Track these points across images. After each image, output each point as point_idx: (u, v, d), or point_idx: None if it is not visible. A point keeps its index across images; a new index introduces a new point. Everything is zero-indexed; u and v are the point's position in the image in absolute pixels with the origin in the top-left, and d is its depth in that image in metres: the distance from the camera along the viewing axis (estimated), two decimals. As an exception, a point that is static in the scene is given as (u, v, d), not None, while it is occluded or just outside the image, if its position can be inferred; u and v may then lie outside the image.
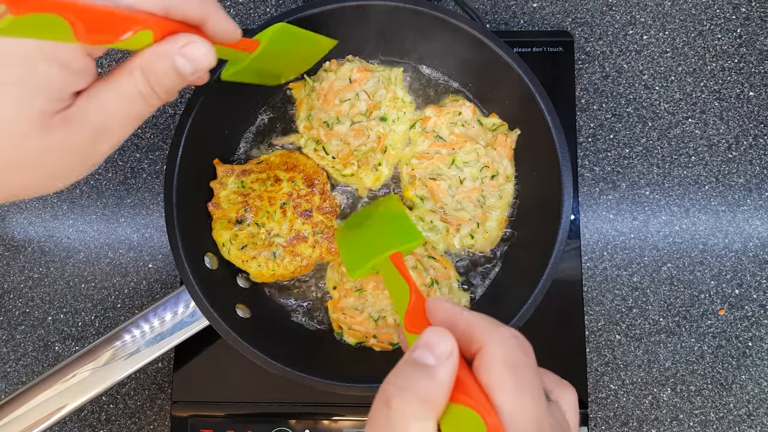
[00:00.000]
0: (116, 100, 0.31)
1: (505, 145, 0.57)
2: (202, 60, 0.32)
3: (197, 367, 0.59)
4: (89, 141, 0.31)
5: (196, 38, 0.32)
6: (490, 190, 0.57)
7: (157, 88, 0.32)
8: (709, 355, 0.61)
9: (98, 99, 0.31)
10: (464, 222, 0.56)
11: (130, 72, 0.31)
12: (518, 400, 0.24)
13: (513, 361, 0.25)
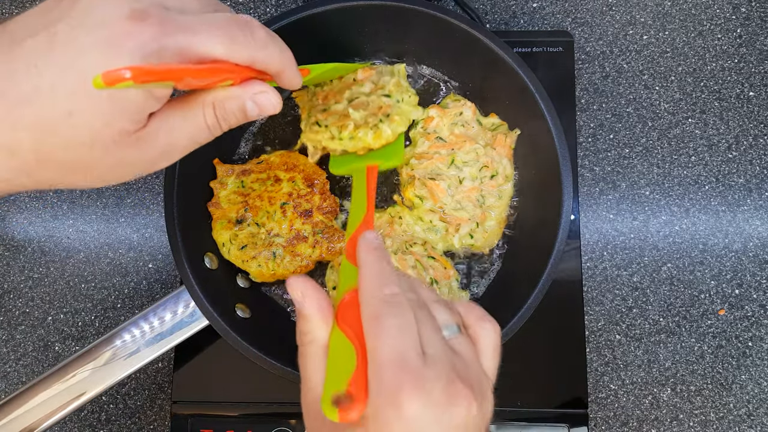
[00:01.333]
0: (185, 128, 0.34)
1: (505, 145, 0.57)
2: (269, 108, 0.36)
3: (197, 367, 0.59)
4: (153, 159, 0.34)
5: (269, 89, 0.35)
6: (490, 189, 0.57)
7: (222, 122, 0.35)
8: (709, 355, 0.61)
9: (169, 124, 0.33)
10: (464, 222, 0.56)
11: (203, 105, 0.34)
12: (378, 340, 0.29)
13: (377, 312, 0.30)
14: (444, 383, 0.28)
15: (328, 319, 0.32)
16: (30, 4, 0.70)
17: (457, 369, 0.29)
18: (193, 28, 0.30)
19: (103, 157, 0.32)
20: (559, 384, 0.58)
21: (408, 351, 0.28)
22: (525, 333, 0.57)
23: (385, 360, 0.28)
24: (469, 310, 0.34)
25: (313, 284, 0.32)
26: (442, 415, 0.27)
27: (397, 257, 0.55)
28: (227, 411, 0.58)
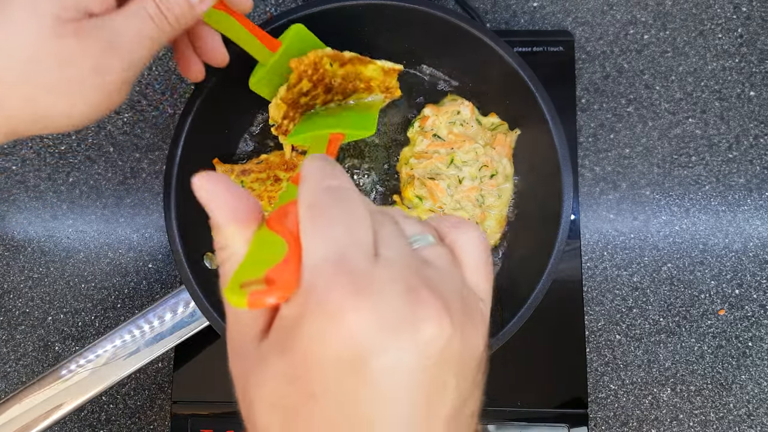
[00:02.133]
0: (127, 20, 0.34)
1: (505, 145, 0.57)
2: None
3: (197, 367, 0.59)
4: (100, 53, 0.33)
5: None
6: (489, 189, 0.57)
7: (167, 12, 0.35)
8: (709, 355, 0.61)
9: (110, 19, 0.33)
10: None
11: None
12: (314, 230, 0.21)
13: (314, 201, 0.22)
14: (402, 288, 0.20)
15: (248, 224, 0.24)
16: (29, 3, 0.70)
17: (424, 276, 0.21)
18: None
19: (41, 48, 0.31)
20: (559, 384, 0.58)
21: (351, 247, 0.21)
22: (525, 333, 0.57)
23: (321, 255, 0.20)
24: (444, 219, 0.26)
25: (223, 182, 0.24)
26: (400, 329, 0.19)
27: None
28: (227, 411, 0.58)
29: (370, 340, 0.19)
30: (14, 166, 0.66)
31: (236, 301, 0.20)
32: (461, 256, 0.24)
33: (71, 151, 0.66)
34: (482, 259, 0.25)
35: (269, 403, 0.21)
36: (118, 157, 0.66)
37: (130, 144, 0.66)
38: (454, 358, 0.20)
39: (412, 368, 0.19)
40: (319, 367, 0.19)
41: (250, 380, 0.22)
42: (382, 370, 0.19)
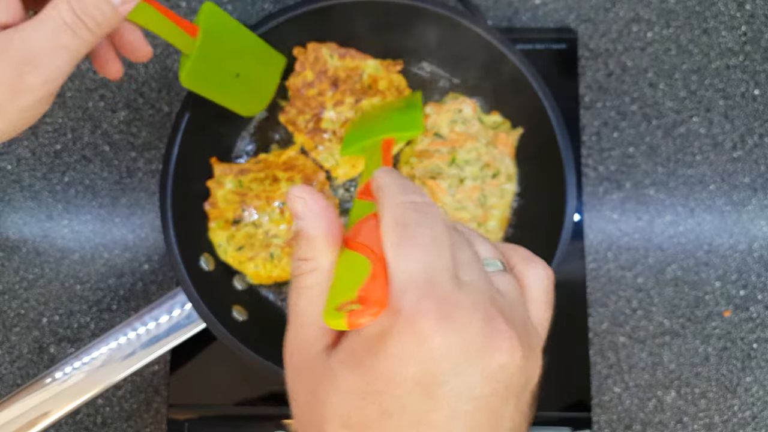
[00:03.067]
0: (41, 30, 0.31)
1: (507, 144, 0.57)
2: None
3: (194, 369, 0.59)
4: (14, 71, 0.31)
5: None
6: (491, 189, 0.56)
7: (84, 17, 0.31)
8: (714, 357, 0.61)
9: (23, 32, 0.31)
10: (465, 221, 0.55)
11: (55, 4, 0.31)
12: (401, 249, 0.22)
13: (402, 220, 0.23)
14: (482, 316, 0.21)
15: (337, 242, 0.25)
16: (24, 0, 0.69)
17: (499, 305, 0.22)
18: None
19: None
20: (562, 387, 0.58)
21: (439, 269, 0.21)
22: (527, 335, 0.57)
23: (408, 275, 0.21)
24: (514, 249, 0.27)
25: (320, 196, 0.25)
26: (476, 357, 0.20)
27: None
28: (224, 414, 0.57)
29: (449, 364, 0.20)
30: (9, 166, 0.66)
31: (335, 324, 0.21)
32: (528, 289, 0.25)
33: (67, 150, 0.66)
34: (548, 296, 0.26)
35: (339, 417, 0.21)
36: (114, 157, 0.65)
37: (126, 143, 0.65)
38: (517, 389, 0.21)
39: (481, 395, 0.20)
40: (397, 386, 0.20)
41: (318, 393, 0.22)
42: (455, 394, 0.20)
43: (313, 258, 0.24)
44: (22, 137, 0.66)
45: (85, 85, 0.67)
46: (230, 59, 0.49)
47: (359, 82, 0.57)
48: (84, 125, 0.66)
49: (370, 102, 0.57)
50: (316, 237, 0.24)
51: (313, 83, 0.56)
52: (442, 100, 0.59)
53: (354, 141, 0.46)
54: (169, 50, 0.67)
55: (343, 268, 0.24)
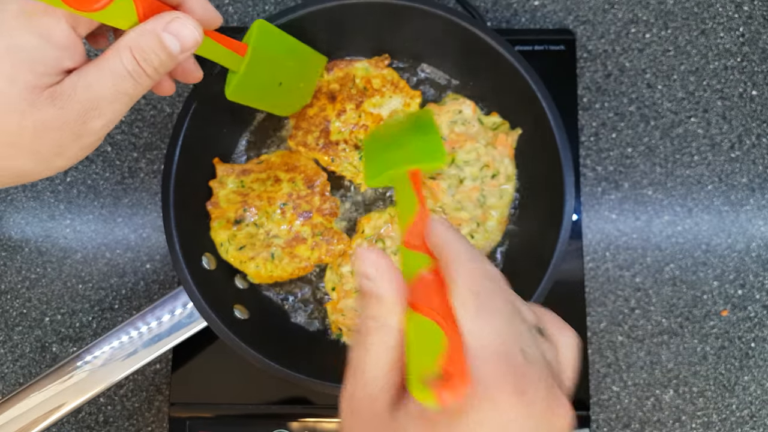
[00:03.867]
0: (104, 78, 0.31)
1: (506, 144, 0.57)
2: (189, 37, 0.33)
3: (195, 368, 0.59)
4: (79, 117, 0.31)
5: (181, 15, 0.32)
6: (491, 189, 0.56)
7: (144, 65, 0.32)
8: (712, 357, 0.61)
9: (87, 77, 0.31)
10: (464, 222, 0.56)
11: (118, 50, 0.32)
12: (479, 320, 0.24)
13: (477, 288, 0.25)
14: (545, 389, 0.23)
15: (404, 301, 0.26)
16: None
17: (553, 373, 0.25)
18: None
19: (20, 120, 0.30)
20: (560, 385, 0.58)
21: (513, 342, 0.24)
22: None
23: (486, 346, 0.23)
24: (545, 314, 0.29)
25: (388, 259, 0.27)
26: (542, 424, 0.23)
27: (396, 257, 0.55)
28: (226, 413, 0.57)
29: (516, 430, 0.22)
30: (11, 166, 0.66)
31: (424, 398, 0.23)
32: (561, 355, 0.27)
33: (69, 151, 0.66)
34: (576, 363, 0.28)
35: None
36: (116, 157, 0.66)
37: (128, 143, 0.66)
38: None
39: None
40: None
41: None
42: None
43: (382, 317, 0.26)
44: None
45: None
46: (275, 70, 0.50)
47: (354, 87, 0.58)
48: (86, 126, 0.66)
49: (371, 102, 0.57)
50: (386, 298, 0.26)
51: (311, 103, 0.57)
52: (442, 100, 0.59)
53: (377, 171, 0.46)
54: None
55: (416, 334, 0.25)
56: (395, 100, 0.58)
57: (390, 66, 0.59)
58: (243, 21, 0.68)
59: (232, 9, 0.68)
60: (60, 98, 0.30)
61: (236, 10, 0.68)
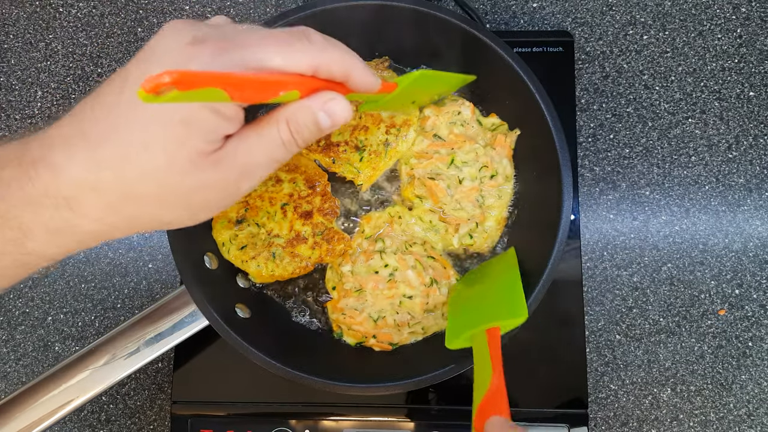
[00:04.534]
0: (261, 145, 0.34)
1: (505, 145, 0.57)
2: (341, 116, 0.35)
3: (197, 367, 0.59)
4: (234, 180, 0.34)
5: (337, 96, 0.35)
6: (489, 190, 0.57)
7: (297, 136, 0.35)
8: (709, 355, 0.61)
9: (246, 143, 0.34)
10: (463, 222, 0.56)
11: (276, 122, 0.34)
12: None
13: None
14: None
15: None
16: (30, 5, 0.70)
17: None
18: (250, 42, 0.31)
19: (183, 180, 0.32)
20: (559, 384, 0.58)
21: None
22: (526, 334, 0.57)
23: None
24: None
25: None
26: None
27: (396, 257, 0.55)
28: (227, 411, 0.58)
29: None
30: (14, 167, 0.66)
31: None
32: None
33: (71, 152, 0.66)
34: None
35: None
36: (118, 158, 0.66)
37: (130, 144, 0.66)
38: None
39: None
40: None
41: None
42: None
43: None
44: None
45: (90, 87, 0.68)
46: (414, 95, 0.51)
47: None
48: (88, 127, 0.67)
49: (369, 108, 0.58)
50: None
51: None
52: (441, 101, 0.59)
53: (460, 330, 0.46)
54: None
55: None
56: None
57: (389, 68, 0.60)
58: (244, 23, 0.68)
59: (234, 11, 0.68)
60: (221, 163, 0.33)
61: (237, 12, 0.68)
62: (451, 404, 0.58)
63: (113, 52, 0.68)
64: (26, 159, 0.32)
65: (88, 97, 0.33)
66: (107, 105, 0.32)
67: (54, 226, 0.32)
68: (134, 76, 0.31)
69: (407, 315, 0.55)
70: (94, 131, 0.31)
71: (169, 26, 0.32)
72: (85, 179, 0.31)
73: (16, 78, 0.68)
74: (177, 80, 0.25)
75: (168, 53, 0.31)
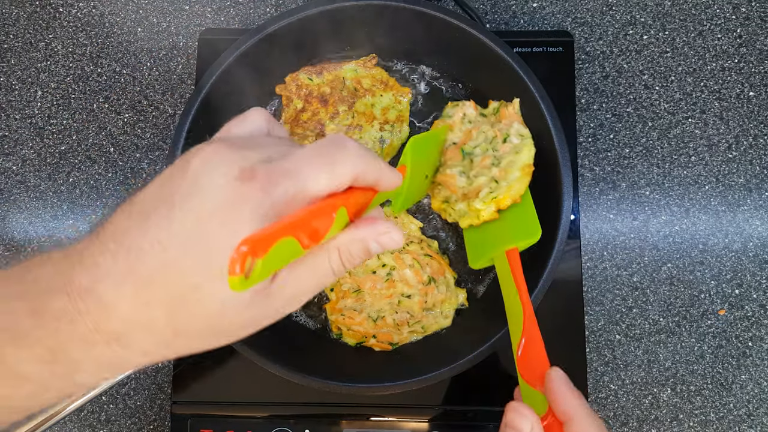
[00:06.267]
0: (312, 275, 0.33)
1: (510, 114, 0.54)
2: (392, 246, 0.35)
3: (197, 367, 0.59)
4: (280, 309, 0.33)
5: (392, 228, 0.34)
6: (505, 150, 0.53)
7: (347, 264, 0.34)
8: (709, 355, 0.61)
9: (296, 273, 0.33)
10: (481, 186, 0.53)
11: (327, 251, 0.33)
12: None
13: None
14: None
15: None
16: (30, 5, 0.70)
17: None
18: (295, 166, 0.30)
19: (235, 319, 0.31)
20: (559, 384, 0.58)
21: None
22: (525, 333, 0.57)
23: None
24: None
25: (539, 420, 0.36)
26: None
27: (393, 256, 0.55)
28: (227, 411, 0.58)
29: None
30: (14, 166, 0.66)
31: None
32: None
33: (71, 151, 0.67)
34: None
35: None
36: (118, 158, 0.66)
37: (130, 144, 0.66)
38: None
39: None
40: None
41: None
42: None
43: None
44: (27, 138, 0.67)
45: (90, 87, 0.68)
46: (426, 168, 0.50)
47: (345, 89, 0.58)
48: (89, 126, 0.67)
49: (362, 102, 0.58)
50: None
51: (304, 108, 0.58)
52: (444, 113, 0.58)
53: (479, 254, 0.49)
54: (173, 53, 0.68)
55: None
56: (386, 97, 0.58)
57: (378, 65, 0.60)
58: (244, 23, 0.68)
59: (234, 11, 0.68)
60: (271, 297, 0.32)
61: (237, 12, 0.68)
62: (452, 404, 0.58)
63: (113, 52, 0.69)
64: (74, 288, 0.30)
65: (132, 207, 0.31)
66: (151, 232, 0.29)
67: (105, 361, 0.31)
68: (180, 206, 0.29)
69: (406, 314, 0.55)
70: (141, 266, 0.29)
71: (213, 152, 0.30)
72: (136, 317, 0.30)
73: (16, 78, 0.68)
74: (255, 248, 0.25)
75: (217, 189, 0.29)
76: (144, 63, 0.68)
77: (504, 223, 0.49)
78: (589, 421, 0.36)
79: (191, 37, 0.68)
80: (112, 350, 0.30)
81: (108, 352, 0.30)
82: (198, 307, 0.30)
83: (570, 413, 0.36)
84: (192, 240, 0.29)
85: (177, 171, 0.30)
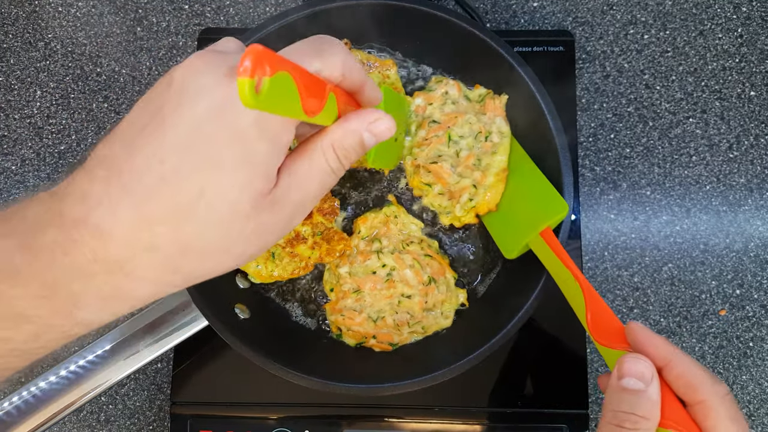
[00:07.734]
0: (313, 177, 0.32)
1: (495, 107, 0.56)
2: (385, 134, 0.34)
3: (196, 367, 0.59)
4: (290, 217, 0.32)
5: (382, 114, 0.33)
6: (485, 150, 0.55)
7: (344, 161, 0.33)
8: (710, 356, 0.61)
9: (298, 176, 0.32)
10: (465, 190, 0.55)
11: (323, 149, 0.33)
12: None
13: (734, 416, 0.33)
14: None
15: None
16: (29, 4, 0.70)
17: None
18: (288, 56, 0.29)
19: (244, 227, 0.30)
20: (559, 385, 0.58)
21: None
22: (526, 334, 0.57)
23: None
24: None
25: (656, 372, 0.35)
26: None
27: (393, 256, 0.55)
28: (226, 411, 0.58)
29: None
30: (13, 166, 0.66)
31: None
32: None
33: (71, 151, 0.66)
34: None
35: None
36: (117, 157, 0.66)
37: (129, 144, 0.66)
38: None
39: None
40: None
41: None
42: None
43: (650, 418, 0.33)
44: (26, 138, 0.67)
45: (89, 87, 0.68)
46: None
47: None
48: (88, 126, 0.67)
49: None
50: (657, 401, 0.34)
51: None
52: (427, 87, 0.59)
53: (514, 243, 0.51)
54: (173, 52, 0.68)
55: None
56: (372, 77, 0.58)
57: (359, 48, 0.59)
58: (244, 22, 0.68)
59: (233, 11, 0.68)
60: (277, 203, 0.31)
61: (237, 12, 0.68)
62: (452, 404, 0.58)
63: (113, 51, 0.68)
64: (66, 219, 0.28)
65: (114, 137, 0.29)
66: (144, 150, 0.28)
67: (107, 293, 0.29)
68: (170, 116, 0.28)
69: (406, 314, 0.55)
70: (138, 185, 0.28)
71: (198, 59, 0.29)
72: (137, 239, 0.28)
73: (16, 77, 0.68)
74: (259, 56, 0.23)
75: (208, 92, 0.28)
76: (143, 63, 0.68)
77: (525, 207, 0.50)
78: (687, 360, 0.35)
79: (191, 37, 0.68)
80: (114, 280, 0.29)
81: (110, 282, 0.29)
82: (205, 211, 0.28)
83: (666, 356, 0.35)
84: (190, 144, 0.27)
85: (159, 88, 0.29)
